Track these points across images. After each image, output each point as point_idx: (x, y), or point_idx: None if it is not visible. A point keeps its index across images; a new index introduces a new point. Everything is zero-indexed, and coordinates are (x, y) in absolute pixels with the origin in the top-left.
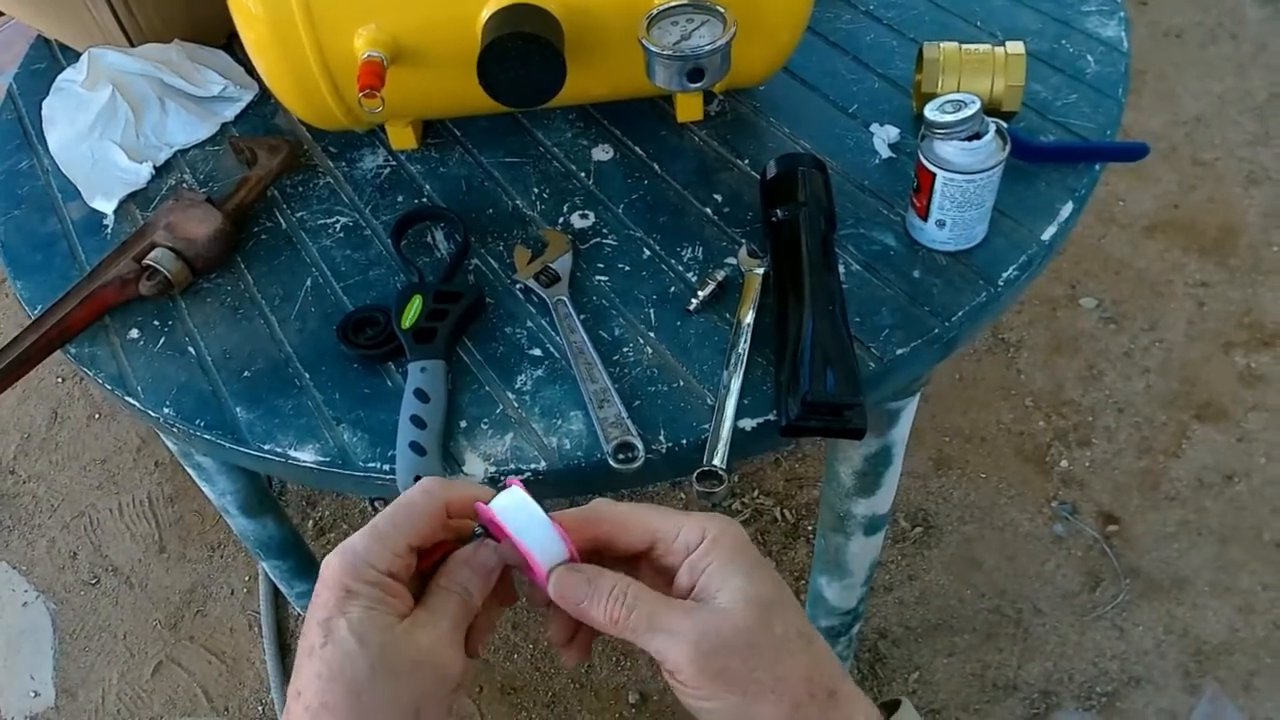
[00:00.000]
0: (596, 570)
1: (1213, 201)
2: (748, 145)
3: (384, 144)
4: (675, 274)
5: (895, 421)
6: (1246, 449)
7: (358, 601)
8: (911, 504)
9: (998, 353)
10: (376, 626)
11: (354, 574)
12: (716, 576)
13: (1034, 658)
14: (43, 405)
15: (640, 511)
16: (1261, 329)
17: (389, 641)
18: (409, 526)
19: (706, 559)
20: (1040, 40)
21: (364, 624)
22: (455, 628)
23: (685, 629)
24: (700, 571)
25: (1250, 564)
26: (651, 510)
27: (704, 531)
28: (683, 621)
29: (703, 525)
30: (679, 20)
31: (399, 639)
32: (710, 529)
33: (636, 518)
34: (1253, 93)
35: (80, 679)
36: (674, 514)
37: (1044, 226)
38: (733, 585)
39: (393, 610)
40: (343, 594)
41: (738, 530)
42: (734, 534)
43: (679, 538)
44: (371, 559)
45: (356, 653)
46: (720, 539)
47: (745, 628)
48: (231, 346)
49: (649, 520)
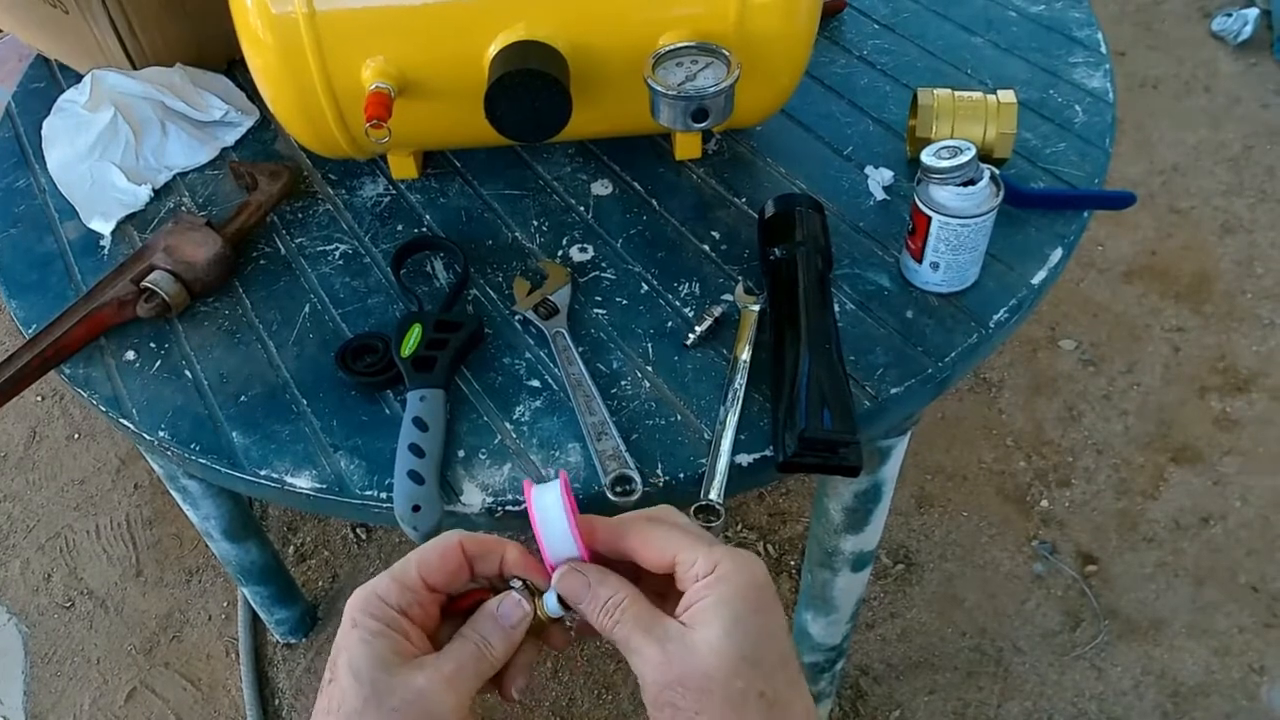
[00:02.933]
0: (600, 576)
1: (1188, 249)
2: (745, 184)
3: (384, 173)
4: (673, 309)
5: (886, 459)
6: (1222, 492)
7: (358, 634)
8: (894, 541)
9: (979, 392)
10: (372, 662)
11: (362, 607)
12: (704, 613)
13: (1014, 696)
14: (21, 424)
15: (666, 536)
16: (1236, 374)
17: (380, 679)
18: (422, 562)
19: (705, 593)
20: (1029, 89)
21: (361, 658)
22: (458, 673)
23: (650, 655)
24: (694, 603)
25: (1226, 605)
26: (679, 535)
27: (715, 566)
28: (651, 648)
29: (717, 560)
30: (684, 61)
31: (393, 676)
32: (723, 565)
33: (660, 541)
34: (1227, 144)
35: (51, 704)
36: (700, 542)
37: (1034, 271)
38: (713, 628)
39: (396, 648)
40: (349, 627)
41: (751, 575)
42: (744, 578)
43: (694, 566)
44: (381, 592)
45: (351, 687)
46: (727, 578)
47: (703, 672)
48: (228, 370)
49: (672, 545)
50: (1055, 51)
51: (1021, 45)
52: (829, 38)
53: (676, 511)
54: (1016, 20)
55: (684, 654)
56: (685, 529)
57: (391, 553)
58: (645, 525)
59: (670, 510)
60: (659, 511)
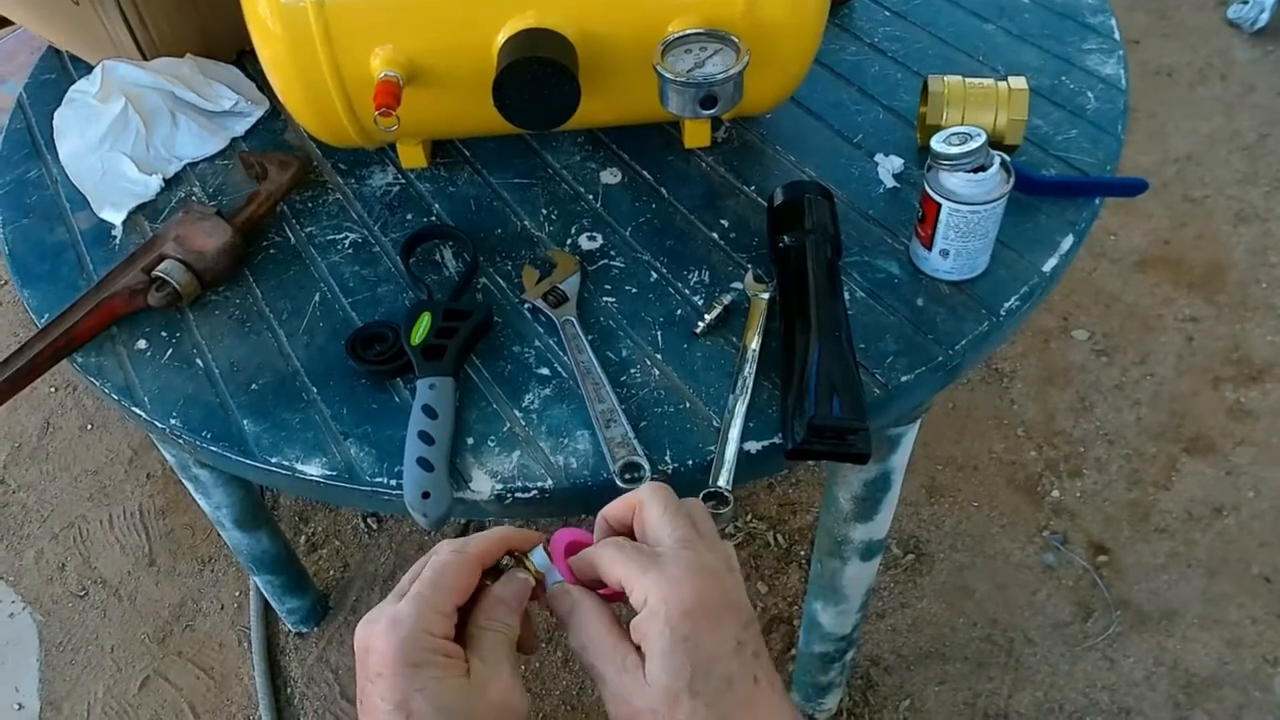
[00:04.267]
0: (579, 600)
1: (1202, 238)
2: (754, 172)
3: (393, 162)
4: (682, 297)
5: (896, 447)
6: (1235, 483)
7: (427, 673)
8: (904, 531)
9: (991, 383)
10: (453, 694)
11: (416, 646)
12: (645, 644)
13: (1025, 687)
14: (35, 415)
15: (612, 563)
16: (1249, 364)
17: (470, 707)
18: (452, 588)
19: (643, 626)
20: (1041, 76)
21: (443, 695)
22: (512, 669)
23: (609, 687)
24: (640, 633)
25: (1238, 597)
26: (620, 563)
27: (646, 599)
28: (610, 680)
29: (647, 592)
30: (692, 48)
31: (476, 700)
32: (652, 598)
33: (612, 570)
34: (1241, 132)
35: (65, 692)
36: (634, 570)
37: (1045, 258)
38: (652, 663)
39: (459, 672)
40: (410, 670)
41: (680, 601)
42: (672, 607)
43: (633, 594)
44: (426, 625)
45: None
46: (656, 612)
47: (650, 707)
48: (239, 359)
49: (617, 572)
50: (1068, 38)
51: (1034, 32)
52: (840, 25)
53: (654, 504)
54: (1029, 7)
55: (634, 688)
56: (626, 552)
57: (402, 542)
58: (600, 558)
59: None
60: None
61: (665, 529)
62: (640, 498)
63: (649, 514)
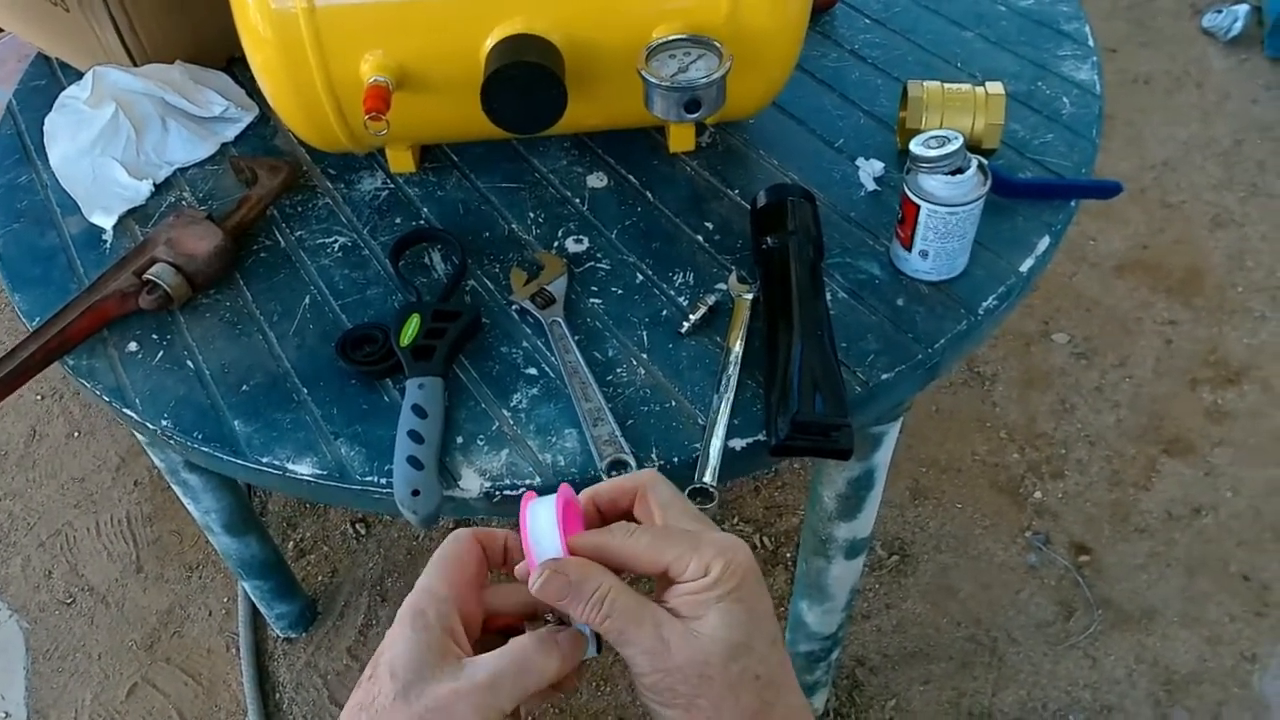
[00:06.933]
0: (580, 570)
1: (1180, 243)
2: (738, 176)
3: (382, 167)
4: (667, 298)
5: (878, 445)
6: (1213, 483)
7: (402, 630)
8: (889, 533)
9: (973, 386)
10: (410, 660)
11: (415, 604)
12: (700, 608)
13: (1008, 686)
14: (21, 422)
15: (650, 545)
16: (1227, 366)
17: (414, 679)
18: (457, 560)
19: (701, 594)
20: (1018, 82)
21: (400, 656)
22: (490, 688)
23: (646, 644)
24: (689, 597)
25: (1217, 595)
26: (662, 541)
27: (707, 569)
28: (646, 638)
29: (707, 563)
30: (676, 54)
31: (426, 679)
32: (714, 567)
33: (646, 553)
34: (1217, 139)
35: (53, 700)
36: (684, 545)
37: (1022, 259)
38: (709, 621)
39: (439, 647)
40: (397, 625)
41: (742, 575)
42: (736, 579)
43: (687, 570)
44: (434, 589)
45: (386, 684)
46: (723, 581)
47: (702, 659)
48: (230, 361)
49: (659, 554)
50: (1044, 45)
51: (1011, 39)
52: (821, 32)
53: (663, 486)
54: (1006, 15)
55: (681, 642)
56: (668, 534)
57: (390, 547)
58: (625, 543)
59: (620, 528)
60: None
61: (682, 507)
62: (642, 480)
63: (661, 494)
